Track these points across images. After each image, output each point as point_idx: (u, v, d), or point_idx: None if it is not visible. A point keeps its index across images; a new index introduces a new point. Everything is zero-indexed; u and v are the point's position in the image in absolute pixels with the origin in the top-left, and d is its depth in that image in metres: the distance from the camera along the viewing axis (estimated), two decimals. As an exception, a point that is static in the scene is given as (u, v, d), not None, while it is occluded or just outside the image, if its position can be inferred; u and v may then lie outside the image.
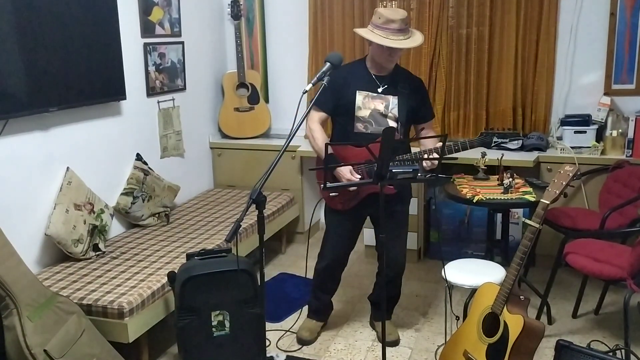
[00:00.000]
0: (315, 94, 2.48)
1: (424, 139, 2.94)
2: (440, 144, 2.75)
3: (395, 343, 3.11)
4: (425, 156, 2.76)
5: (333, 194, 2.87)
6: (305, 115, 2.36)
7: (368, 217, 3.11)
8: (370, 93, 2.87)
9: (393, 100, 2.88)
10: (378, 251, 3.16)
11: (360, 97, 2.85)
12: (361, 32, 2.81)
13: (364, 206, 2.93)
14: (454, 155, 2.78)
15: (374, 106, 2.87)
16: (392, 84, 2.86)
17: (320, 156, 2.86)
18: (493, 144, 2.89)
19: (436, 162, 2.66)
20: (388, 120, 2.89)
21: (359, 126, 2.88)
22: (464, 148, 2.77)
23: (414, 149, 2.92)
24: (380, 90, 2.86)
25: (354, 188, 2.82)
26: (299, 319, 3.34)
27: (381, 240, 2.40)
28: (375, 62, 2.87)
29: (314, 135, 2.89)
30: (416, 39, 2.78)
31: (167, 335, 3.17)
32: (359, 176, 2.76)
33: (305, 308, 3.32)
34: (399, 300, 3.27)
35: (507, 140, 2.90)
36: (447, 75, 4.30)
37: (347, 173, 2.74)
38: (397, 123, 2.89)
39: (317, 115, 2.92)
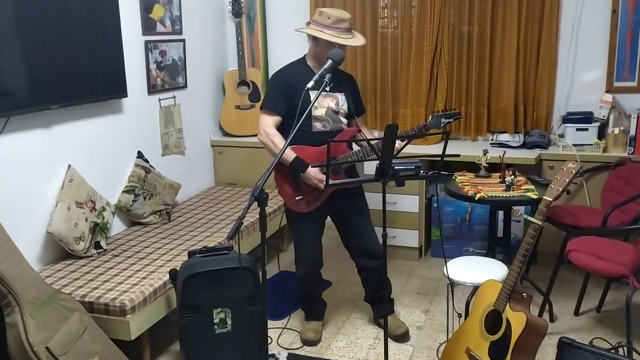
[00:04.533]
0: (263, 99, 2.52)
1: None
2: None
3: (405, 335, 3.10)
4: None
5: (298, 197, 2.90)
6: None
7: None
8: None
9: (341, 97, 2.98)
10: (351, 248, 3.15)
11: (312, 96, 2.83)
12: (311, 31, 2.88)
13: (325, 205, 2.97)
14: (453, 154, 2.78)
15: (327, 104, 2.93)
16: (336, 82, 2.90)
17: (285, 161, 2.81)
18: (442, 125, 2.96)
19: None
20: (340, 116, 2.97)
21: (317, 125, 2.91)
22: (419, 131, 2.94)
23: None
24: (328, 88, 2.90)
25: (321, 189, 2.86)
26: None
27: (383, 237, 2.41)
28: (320, 62, 2.88)
29: (273, 140, 2.86)
30: (360, 38, 2.94)
31: (169, 333, 3.17)
32: (324, 176, 2.79)
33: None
34: (401, 298, 3.26)
35: (452, 120, 2.98)
36: (449, 73, 4.30)
37: (318, 174, 2.80)
38: (347, 119, 3.00)
39: (271, 120, 2.91)
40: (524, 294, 2.30)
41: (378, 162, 2.31)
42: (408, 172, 2.36)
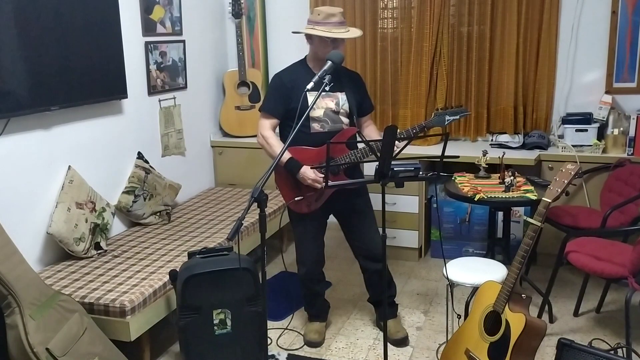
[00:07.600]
0: (262, 102, 2.51)
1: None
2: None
3: (404, 340, 3.09)
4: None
5: (298, 198, 2.89)
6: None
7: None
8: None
9: (342, 97, 2.94)
10: (354, 249, 3.14)
11: (311, 97, 2.82)
12: (303, 29, 2.88)
13: (327, 205, 2.96)
14: (452, 155, 2.79)
15: (325, 105, 2.91)
16: (336, 81, 2.87)
17: (281, 162, 2.80)
18: (446, 122, 2.87)
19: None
20: (340, 116, 2.94)
21: (316, 126, 2.90)
22: (421, 130, 2.81)
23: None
24: (328, 88, 2.86)
25: (319, 189, 2.82)
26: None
27: (383, 238, 2.41)
28: (318, 60, 2.88)
29: (269, 142, 2.88)
30: (355, 31, 2.89)
31: (169, 334, 3.17)
32: (322, 175, 2.79)
33: (306, 307, 3.32)
34: (400, 298, 3.26)
35: (458, 117, 2.87)
36: (448, 74, 4.30)
37: (311, 174, 2.79)
38: (349, 118, 2.96)
39: (268, 123, 2.92)
40: (523, 295, 2.31)
41: (377, 163, 2.31)
42: (407, 173, 2.36)
